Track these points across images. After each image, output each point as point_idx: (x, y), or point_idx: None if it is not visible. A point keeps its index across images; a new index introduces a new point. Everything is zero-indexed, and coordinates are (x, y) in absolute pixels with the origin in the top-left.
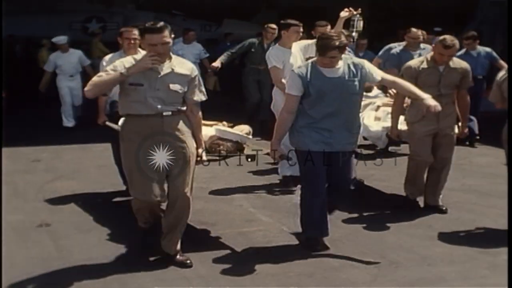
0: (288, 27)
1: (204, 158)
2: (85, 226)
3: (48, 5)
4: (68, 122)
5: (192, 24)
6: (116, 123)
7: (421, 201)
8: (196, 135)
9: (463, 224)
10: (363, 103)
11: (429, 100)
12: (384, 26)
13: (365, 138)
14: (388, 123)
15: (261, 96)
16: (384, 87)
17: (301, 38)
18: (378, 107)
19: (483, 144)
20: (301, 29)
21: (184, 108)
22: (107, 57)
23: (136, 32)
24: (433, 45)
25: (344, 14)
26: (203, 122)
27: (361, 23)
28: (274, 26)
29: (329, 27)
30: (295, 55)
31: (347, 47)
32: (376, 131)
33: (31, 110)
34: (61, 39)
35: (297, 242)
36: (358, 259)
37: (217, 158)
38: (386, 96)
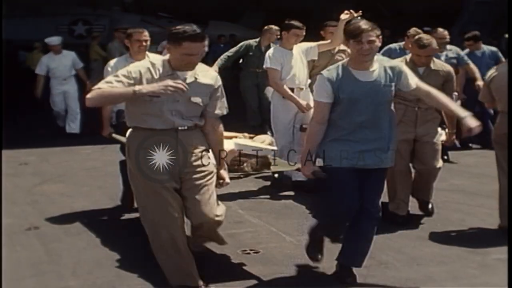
0: (289, 28)
1: (227, 180)
2: (74, 229)
3: (34, 8)
4: (70, 128)
5: (177, 26)
6: (124, 135)
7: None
8: (216, 153)
9: (451, 224)
10: None
11: (468, 119)
12: None
13: None
14: None
15: (259, 100)
16: None
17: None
18: None
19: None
20: (303, 33)
21: (202, 122)
22: (112, 62)
23: (147, 33)
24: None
25: (344, 16)
26: None
27: None
28: (277, 27)
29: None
30: (296, 57)
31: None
32: None
33: (15, 113)
34: (54, 40)
35: (286, 243)
36: None
37: (241, 176)
38: None
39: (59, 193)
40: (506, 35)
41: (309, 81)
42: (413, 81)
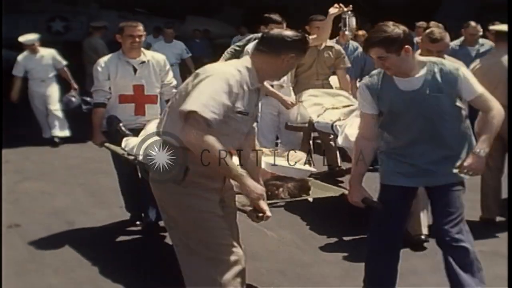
0: (267, 23)
1: (268, 212)
2: (55, 227)
3: (12, 4)
4: (47, 132)
5: (155, 21)
6: (115, 142)
7: None
8: (256, 177)
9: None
10: (346, 109)
11: (474, 156)
12: None
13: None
14: None
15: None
16: None
17: None
18: None
19: None
20: (283, 27)
21: None
22: (103, 61)
23: (141, 28)
24: (419, 40)
25: (333, 10)
26: None
27: (354, 20)
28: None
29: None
30: None
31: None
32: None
33: None
34: (29, 38)
35: (268, 237)
36: (329, 254)
37: (279, 205)
38: None
39: (40, 191)
40: (492, 27)
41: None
42: (477, 86)
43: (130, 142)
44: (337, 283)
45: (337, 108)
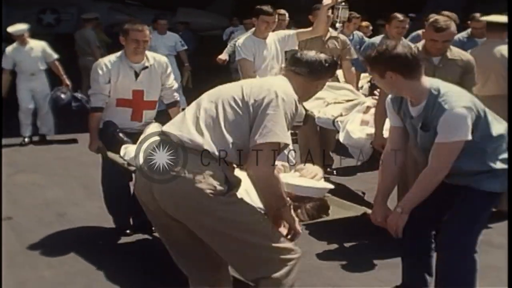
0: (257, 14)
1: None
2: (47, 219)
3: None
4: (26, 131)
5: (146, 13)
6: (112, 149)
7: None
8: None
9: None
10: (349, 103)
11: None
12: None
13: None
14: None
15: None
16: (373, 85)
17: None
18: (368, 108)
19: None
20: (274, 19)
21: None
22: (103, 63)
23: (147, 32)
24: (423, 31)
25: (327, 1)
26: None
27: (347, 12)
28: (284, 12)
29: (330, 11)
30: (270, 47)
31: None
32: (358, 139)
33: None
34: (18, 29)
35: None
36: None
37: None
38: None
39: (32, 183)
40: (484, 18)
41: None
42: (442, 136)
43: (130, 151)
44: None
45: (339, 102)
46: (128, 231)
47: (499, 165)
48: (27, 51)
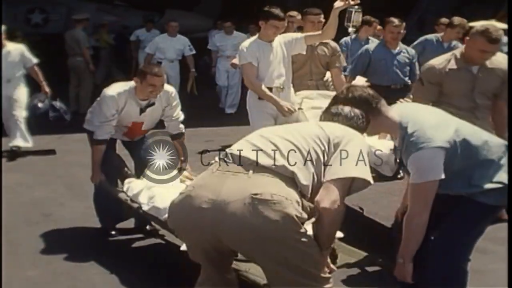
0: (267, 18)
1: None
2: (33, 219)
3: None
4: (15, 142)
5: (134, 14)
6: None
7: None
8: None
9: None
10: None
11: None
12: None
13: None
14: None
15: None
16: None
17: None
18: None
19: None
20: (284, 24)
21: None
22: (112, 95)
23: (164, 77)
24: (467, 38)
25: (338, 4)
26: None
27: (360, 16)
28: (296, 13)
29: (322, 16)
30: (276, 51)
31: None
32: (381, 154)
33: None
34: None
35: None
36: None
37: None
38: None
39: (18, 182)
40: (472, 24)
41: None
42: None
43: (133, 186)
44: None
45: None
46: (113, 232)
47: (492, 185)
48: (4, 55)
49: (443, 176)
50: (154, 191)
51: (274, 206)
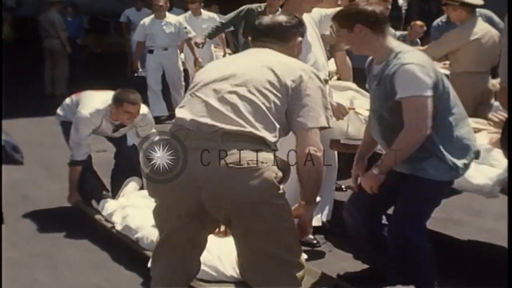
0: None
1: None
2: (11, 201)
3: None
4: None
5: None
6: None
7: None
8: None
9: None
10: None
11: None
12: None
13: None
14: (499, 169)
15: None
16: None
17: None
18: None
19: None
20: None
21: None
22: (87, 117)
23: (140, 105)
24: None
25: None
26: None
27: None
28: None
29: None
30: (311, 32)
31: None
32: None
33: None
34: None
35: None
36: None
37: None
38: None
39: None
40: None
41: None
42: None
43: (107, 206)
44: None
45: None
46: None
47: (452, 159)
48: None
49: (429, 93)
50: (127, 211)
51: (251, 173)
